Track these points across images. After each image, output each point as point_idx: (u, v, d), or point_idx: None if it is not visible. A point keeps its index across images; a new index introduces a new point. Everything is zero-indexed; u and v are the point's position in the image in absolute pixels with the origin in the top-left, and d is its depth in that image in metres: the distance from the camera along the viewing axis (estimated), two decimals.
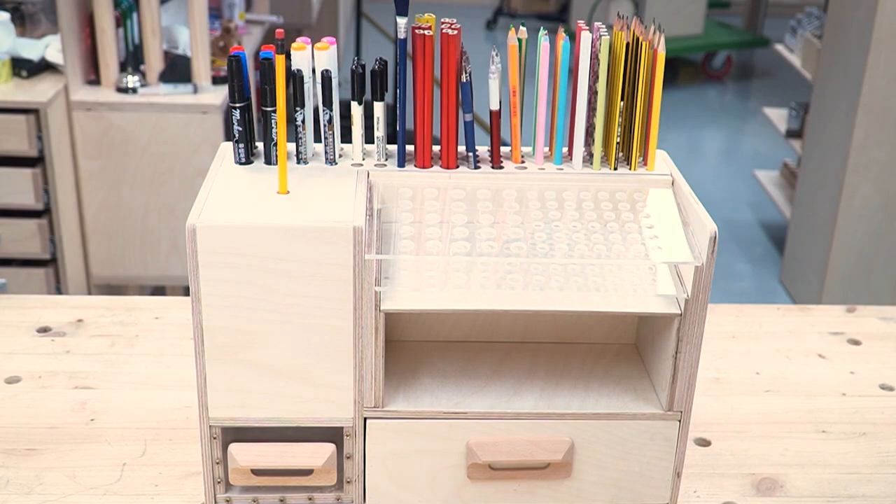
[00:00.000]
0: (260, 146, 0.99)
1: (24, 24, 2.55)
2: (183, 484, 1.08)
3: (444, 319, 1.06)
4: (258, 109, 0.97)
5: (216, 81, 2.48)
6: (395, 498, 0.97)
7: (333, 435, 0.94)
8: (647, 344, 1.03)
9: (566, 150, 1.02)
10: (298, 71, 0.94)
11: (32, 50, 2.42)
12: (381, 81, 0.95)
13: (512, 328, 1.07)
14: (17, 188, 2.29)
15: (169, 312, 1.40)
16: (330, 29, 4.80)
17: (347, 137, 0.98)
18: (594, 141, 1.00)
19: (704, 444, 1.18)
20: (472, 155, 0.99)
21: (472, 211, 0.95)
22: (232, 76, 0.94)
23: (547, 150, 1.03)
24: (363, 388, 0.92)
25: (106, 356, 1.30)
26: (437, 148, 1.00)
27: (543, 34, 0.95)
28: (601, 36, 0.95)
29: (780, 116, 3.78)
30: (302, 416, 0.93)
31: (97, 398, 1.21)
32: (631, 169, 1.00)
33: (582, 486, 0.98)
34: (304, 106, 0.95)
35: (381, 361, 0.91)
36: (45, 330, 1.35)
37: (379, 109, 0.97)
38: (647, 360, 1.03)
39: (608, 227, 0.94)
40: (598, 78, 0.97)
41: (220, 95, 2.42)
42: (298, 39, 0.94)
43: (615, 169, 1.00)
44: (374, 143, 0.99)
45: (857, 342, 1.39)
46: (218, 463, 0.95)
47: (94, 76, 2.44)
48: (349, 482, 0.96)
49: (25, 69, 2.38)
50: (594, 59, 0.96)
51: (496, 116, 0.98)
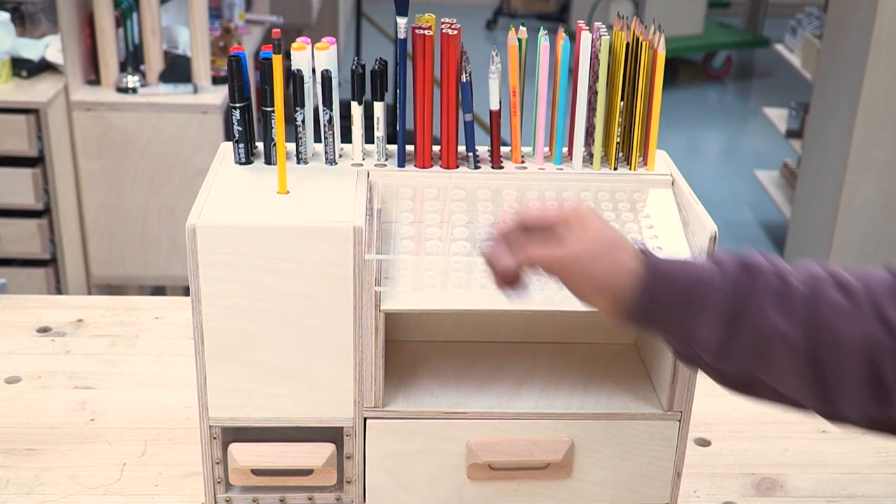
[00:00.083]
0: (260, 146, 0.99)
1: (24, 24, 2.55)
2: (183, 484, 1.08)
3: (444, 319, 1.06)
4: (258, 109, 0.97)
5: (216, 81, 2.48)
6: (395, 498, 0.97)
7: (333, 435, 0.94)
8: (647, 344, 1.03)
9: (566, 150, 1.02)
10: (298, 71, 0.94)
11: (32, 50, 2.42)
12: (381, 81, 0.95)
13: (512, 328, 1.07)
14: (17, 188, 2.29)
15: (169, 312, 1.40)
16: (330, 29, 4.80)
17: (347, 137, 0.98)
18: (594, 141, 1.00)
19: (704, 444, 1.18)
20: (472, 155, 0.99)
21: (472, 211, 0.95)
22: (232, 76, 0.94)
23: (547, 150, 1.03)
24: (363, 388, 0.92)
25: (106, 356, 1.30)
26: (437, 148, 1.00)
27: (543, 34, 0.95)
28: (601, 36, 0.95)
29: (780, 116, 3.78)
30: (302, 416, 0.93)
31: (97, 398, 1.21)
32: (631, 169, 1.00)
33: (582, 486, 0.98)
34: (304, 106, 0.95)
35: (381, 361, 0.91)
36: (45, 330, 1.35)
37: (379, 109, 0.97)
38: (647, 360, 1.03)
39: None
40: (598, 78, 0.97)
41: (220, 95, 2.41)
42: (298, 39, 0.94)
43: (615, 169, 1.00)
44: (374, 143, 0.99)
45: None
46: (218, 463, 0.95)
47: (94, 76, 2.44)
48: (349, 482, 0.96)
49: (25, 69, 2.37)
50: (594, 59, 0.96)
51: (496, 116, 0.98)
